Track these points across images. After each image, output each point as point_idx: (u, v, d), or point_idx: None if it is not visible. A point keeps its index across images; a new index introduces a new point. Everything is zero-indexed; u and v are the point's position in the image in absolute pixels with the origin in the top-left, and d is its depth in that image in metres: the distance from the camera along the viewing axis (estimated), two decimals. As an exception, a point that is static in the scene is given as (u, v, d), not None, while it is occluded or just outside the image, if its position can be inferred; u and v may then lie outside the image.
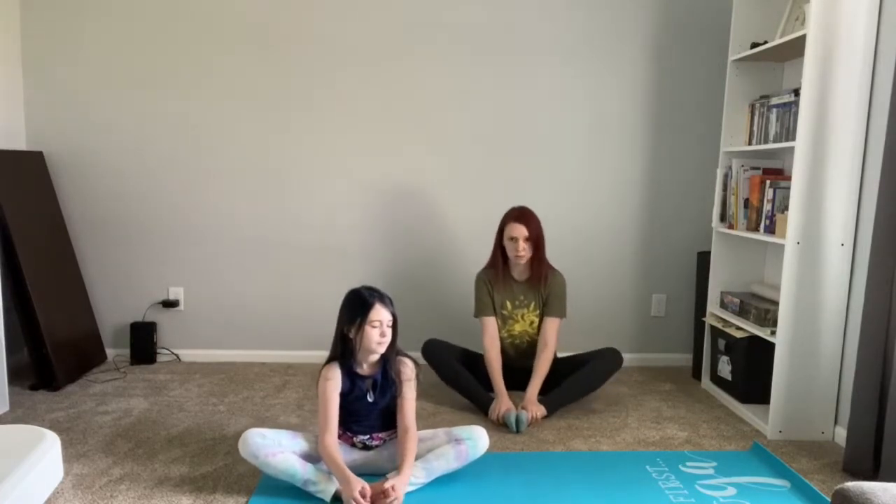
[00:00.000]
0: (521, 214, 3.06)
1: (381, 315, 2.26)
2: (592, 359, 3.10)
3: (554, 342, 3.09)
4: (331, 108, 3.60)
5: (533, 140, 3.66)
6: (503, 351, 3.12)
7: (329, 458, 2.20)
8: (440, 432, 2.40)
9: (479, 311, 3.15)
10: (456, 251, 3.69)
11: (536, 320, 3.15)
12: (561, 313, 3.13)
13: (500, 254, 3.12)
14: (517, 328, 3.16)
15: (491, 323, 3.12)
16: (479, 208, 3.65)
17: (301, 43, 3.56)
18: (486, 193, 3.65)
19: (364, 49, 3.57)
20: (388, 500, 2.09)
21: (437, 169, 3.66)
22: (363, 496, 2.08)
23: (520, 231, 3.02)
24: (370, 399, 2.33)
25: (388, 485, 2.10)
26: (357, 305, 2.28)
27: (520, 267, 3.12)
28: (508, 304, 3.14)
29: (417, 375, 2.37)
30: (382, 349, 2.29)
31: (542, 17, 3.58)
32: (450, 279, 3.68)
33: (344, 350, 2.31)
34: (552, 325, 3.10)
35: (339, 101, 3.60)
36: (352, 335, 2.27)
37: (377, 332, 2.26)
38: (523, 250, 3.03)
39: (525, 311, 3.15)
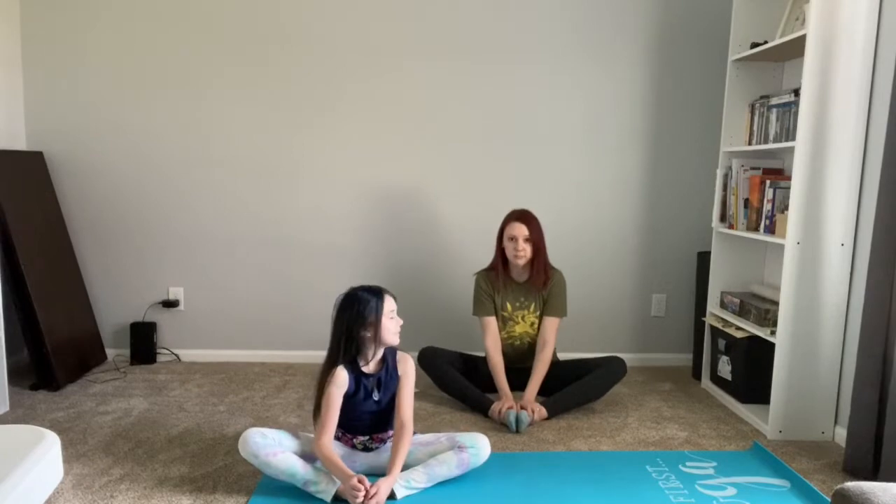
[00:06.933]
0: (521, 215, 3.08)
1: (392, 304, 2.33)
2: (596, 367, 3.09)
3: (553, 341, 3.09)
4: (330, 110, 3.60)
5: (532, 141, 3.65)
6: (502, 353, 3.11)
7: (326, 458, 2.20)
8: (443, 437, 2.40)
9: (479, 311, 3.14)
10: (454, 253, 3.69)
11: (537, 321, 3.15)
12: (561, 313, 3.13)
13: (500, 255, 3.13)
14: (517, 329, 3.16)
15: (491, 323, 3.11)
16: (478, 210, 3.64)
17: (300, 45, 3.55)
18: (486, 195, 3.65)
19: (364, 51, 3.57)
20: (369, 498, 2.09)
21: (436, 170, 3.65)
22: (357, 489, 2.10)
23: (520, 231, 3.04)
24: (375, 398, 2.32)
25: (368, 483, 2.11)
26: (368, 303, 2.27)
27: (519, 268, 3.12)
28: (509, 306, 3.14)
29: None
30: (398, 338, 2.34)
31: (541, 18, 3.58)
32: (449, 280, 3.68)
33: (349, 351, 2.29)
34: (552, 324, 3.10)
35: (339, 103, 3.60)
36: (369, 334, 2.27)
37: (395, 322, 2.32)
38: (522, 250, 3.03)
39: (525, 312, 3.15)
